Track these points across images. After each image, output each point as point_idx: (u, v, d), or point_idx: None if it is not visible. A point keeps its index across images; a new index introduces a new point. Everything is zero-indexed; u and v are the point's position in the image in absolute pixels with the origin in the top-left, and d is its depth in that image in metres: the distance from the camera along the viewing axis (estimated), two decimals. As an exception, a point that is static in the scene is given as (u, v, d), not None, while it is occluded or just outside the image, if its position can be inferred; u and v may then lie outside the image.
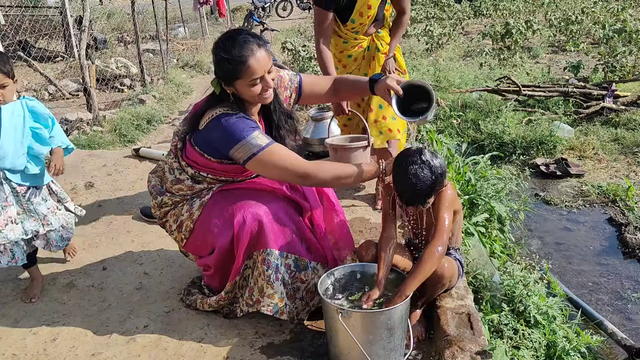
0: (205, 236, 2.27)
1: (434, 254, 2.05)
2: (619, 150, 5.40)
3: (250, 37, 2.05)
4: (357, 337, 1.93)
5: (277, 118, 2.29)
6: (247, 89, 2.07)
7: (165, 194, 2.34)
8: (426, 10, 14.38)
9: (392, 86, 2.14)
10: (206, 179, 2.28)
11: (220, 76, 2.10)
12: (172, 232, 2.37)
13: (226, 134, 2.07)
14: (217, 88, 2.14)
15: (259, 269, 2.21)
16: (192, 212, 2.28)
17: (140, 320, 2.41)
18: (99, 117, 6.34)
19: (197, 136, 2.20)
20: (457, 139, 5.67)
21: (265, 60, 2.06)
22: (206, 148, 2.17)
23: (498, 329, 2.47)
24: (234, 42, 2.03)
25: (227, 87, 2.12)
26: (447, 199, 2.13)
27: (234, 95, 2.13)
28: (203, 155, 2.19)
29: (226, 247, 2.22)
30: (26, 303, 2.59)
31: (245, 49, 2.02)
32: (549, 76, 7.79)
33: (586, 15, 11.10)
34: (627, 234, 3.91)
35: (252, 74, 2.04)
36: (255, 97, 2.11)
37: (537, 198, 4.66)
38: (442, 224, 2.10)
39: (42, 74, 8.21)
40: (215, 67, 2.12)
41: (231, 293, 2.31)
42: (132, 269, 2.86)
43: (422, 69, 8.45)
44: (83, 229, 3.36)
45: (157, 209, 2.39)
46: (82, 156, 4.79)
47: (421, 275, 2.03)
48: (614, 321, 3.04)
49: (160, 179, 2.41)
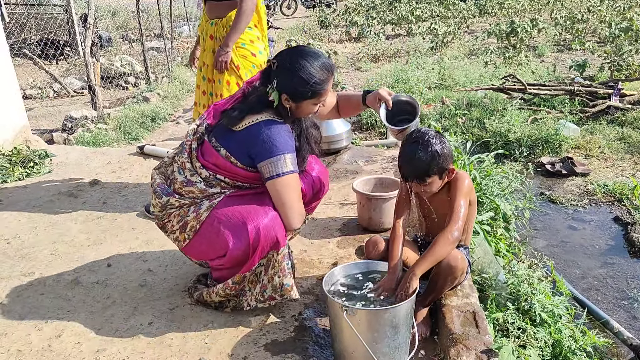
0: (213, 241, 2.21)
1: (448, 238, 2.06)
2: (625, 149, 5.38)
3: (328, 60, 2.15)
4: (362, 335, 1.92)
5: (305, 127, 2.32)
6: (311, 107, 2.17)
7: (173, 195, 2.26)
8: (431, 8, 14.34)
9: (383, 95, 2.33)
10: (220, 184, 2.23)
11: (292, 93, 2.11)
12: (174, 232, 2.29)
13: (268, 142, 2.09)
14: (277, 100, 2.13)
15: (276, 268, 2.21)
16: (200, 214, 2.21)
17: (144, 317, 2.41)
18: (103, 115, 6.36)
19: (227, 138, 2.18)
20: (462, 137, 5.64)
21: (332, 84, 2.16)
22: (237, 151, 2.16)
23: (503, 328, 2.46)
24: (319, 65, 2.10)
25: (289, 102, 2.14)
26: (464, 186, 2.15)
27: (290, 110, 2.17)
28: (229, 159, 2.17)
29: (240, 252, 2.18)
30: (33, 297, 2.59)
31: (327, 74, 2.11)
32: (555, 75, 7.76)
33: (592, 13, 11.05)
34: (634, 233, 3.89)
35: (324, 96, 2.14)
36: (310, 113, 2.20)
37: (542, 197, 4.64)
38: (458, 209, 2.11)
39: (47, 71, 8.23)
40: (287, 83, 2.10)
41: (239, 285, 2.27)
42: (137, 266, 2.86)
43: (426, 67, 8.43)
44: (88, 226, 3.36)
45: (160, 209, 2.31)
46: (86, 153, 4.80)
47: (433, 257, 2.06)
48: (620, 320, 3.02)
49: (164, 177, 2.35)
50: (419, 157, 2.06)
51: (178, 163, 2.28)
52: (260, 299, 2.27)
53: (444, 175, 2.14)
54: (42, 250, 3.08)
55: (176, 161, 2.30)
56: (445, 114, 6.43)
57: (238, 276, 2.25)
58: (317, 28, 14.51)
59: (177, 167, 2.28)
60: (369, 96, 2.41)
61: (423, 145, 2.07)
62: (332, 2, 18.38)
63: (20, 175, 4.22)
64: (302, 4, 18.85)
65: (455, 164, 3.68)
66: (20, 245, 3.16)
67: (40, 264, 2.93)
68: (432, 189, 2.16)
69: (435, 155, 2.06)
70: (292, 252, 2.32)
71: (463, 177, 2.17)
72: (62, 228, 3.35)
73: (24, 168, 4.31)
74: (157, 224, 2.39)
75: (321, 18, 14.99)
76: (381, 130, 6.36)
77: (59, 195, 3.86)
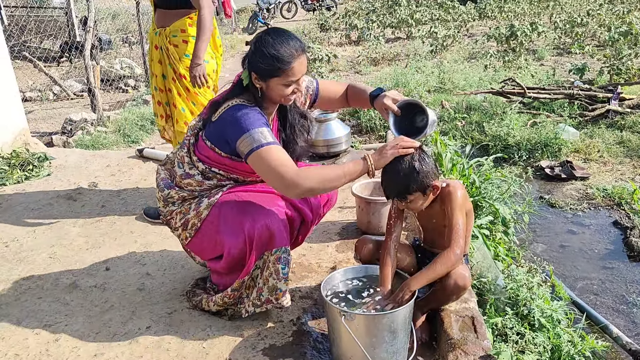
0: (213, 238, 2.25)
1: (450, 257, 2.05)
2: (625, 153, 5.37)
3: (297, 39, 2.10)
4: (360, 340, 1.92)
5: (291, 117, 2.32)
6: (280, 88, 2.11)
7: (174, 188, 2.31)
8: (431, 12, 14.35)
9: (388, 105, 2.22)
10: (216, 176, 2.27)
11: (258, 70, 2.10)
12: (177, 229, 2.34)
13: (236, 123, 2.08)
14: (246, 79, 2.14)
15: (271, 269, 2.20)
16: (200, 211, 2.26)
17: (142, 321, 2.40)
18: (103, 118, 6.36)
19: (209, 129, 2.21)
20: (461, 140, 5.64)
21: (305, 65, 2.12)
22: (217, 140, 2.17)
23: (502, 333, 2.45)
24: (282, 40, 2.07)
25: (258, 81, 2.12)
26: (457, 199, 2.12)
27: (261, 91, 2.15)
28: (214, 150, 2.20)
29: (237, 251, 2.21)
30: (31, 301, 2.58)
31: (293, 50, 2.06)
32: (554, 78, 7.76)
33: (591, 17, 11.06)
34: (633, 237, 3.88)
35: (292, 76, 2.08)
36: (283, 97, 2.14)
37: (541, 201, 4.63)
38: (457, 227, 2.09)
39: (47, 74, 8.24)
40: (253, 60, 2.10)
41: (237, 291, 2.28)
42: (135, 270, 2.86)
43: (426, 70, 8.43)
44: (86, 229, 3.36)
45: (163, 204, 2.36)
46: (86, 156, 4.80)
47: (432, 275, 2.05)
48: (619, 325, 3.02)
49: (169, 172, 2.39)
50: (397, 174, 2.04)
51: (178, 157, 2.34)
52: (257, 303, 2.27)
53: (427, 192, 2.09)
54: (40, 253, 3.08)
55: (177, 156, 2.35)
56: (444, 118, 6.43)
57: (237, 282, 2.25)
58: (317, 31, 14.52)
59: (177, 162, 2.34)
60: (377, 101, 2.30)
61: (402, 163, 2.03)
62: (332, 5, 18.40)
63: (19, 178, 4.22)
64: (302, 7, 18.87)
65: (455, 167, 3.68)
66: (19, 248, 3.16)
67: (38, 267, 2.92)
68: (416, 206, 2.12)
69: (414, 173, 2.02)
70: (291, 259, 2.30)
71: (455, 190, 2.14)
72: (61, 231, 3.35)
73: (23, 171, 4.31)
74: (163, 220, 2.42)
75: (321, 21, 15.00)
76: (381, 133, 6.36)
77: (58, 198, 3.85)
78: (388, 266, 2.15)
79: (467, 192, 2.24)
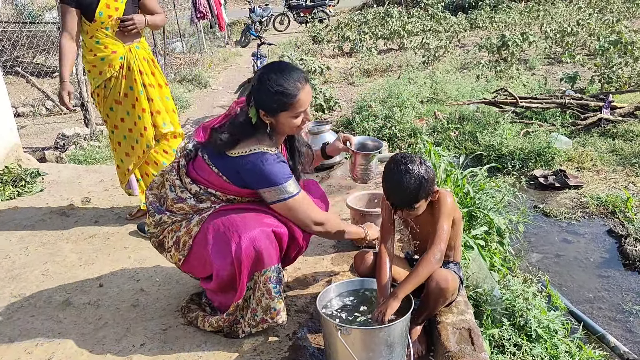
0: (203, 257, 2.22)
1: (430, 260, 2.07)
2: (617, 161, 5.40)
3: (299, 71, 2.15)
4: (357, 354, 1.90)
5: (299, 147, 2.38)
6: (290, 120, 2.14)
7: (165, 213, 2.27)
8: (422, 23, 14.45)
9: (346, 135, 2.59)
10: (210, 198, 2.23)
11: (266, 108, 2.12)
12: (169, 250, 2.29)
13: (262, 175, 2.12)
14: (254, 117, 2.15)
15: (262, 289, 2.19)
16: (190, 228, 2.22)
17: (136, 338, 2.38)
18: (96, 132, 6.35)
19: (220, 159, 2.18)
20: (454, 151, 5.66)
21: (310, 93, 2.17)
22: (233, 176, 2.17)
23: (499, 344, 2.44)
24: (285, 75, 2.10)
25: (267, 117, 2.15)
26: (446, 207, 2.15)
27: (270, 126, 2.17)
28: (221, 178, 2.18)
29: (226, 273, 2.18)
30: (24, 319, 2.55)
31: (297, 83, 2.10)
32: (546, 88, 7.81)
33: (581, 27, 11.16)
34: (627, 245, 3.89)
35: (299, 107, 2.12)
36: (294, 128, 2.19)
37: (536, 210, 4.64)
38: (441, 231, 2.12)
39: (40, 89, 8.22)
40: (259, 98, 2.12)
41: (232, 315, 2.26)
42: (129, 286, 2.83)
43: (419, 81, 8.48)
44: (79, 245, 3.33)
45: (154, 227, 2.32)
46: (79, 171, 4.77)
47: (415, 280, 2.07)
48: (616, 334, 3.01)
49: (157, 197, 2.36)
50: (408, 185, 2.07)
51: (169, 181, 2.30)
52: (253, 324, 2.25)
53: (429, 198, 2.16)
54: (33, 270, 3.05)
55: (167, 180, 2.31)
56: (437, 128, 6.45)
57: (232, 306, 2.23)
58: (310, 43, 14.59)
59: (168, 185, 2.30)
60: (328, 147, 2.61)
61: (409, 174, 2.07)
62: (324, 17, 18.49)
63: (12, 194, 4.19)
64: (295, 19, 18.96)
65: (449, 178, 3.69)
66: (11, 265, 3.12)
67: (31, 284, 2.89)
68: (418, 212, 2.18)
69: (423, 182, 2.07)
70: (284, 277, 2.30)
71: (445, 197, 2.17)
72: (54, 248, 3.32)
73: (15, 187, 4.28)
74: (154, 242, 2.37)
75: (314, 33, 15.07)
76: (374, 144, 6.36)
77: (51, 214, 3.83)
78: (385, 275, 2.15)
79: (455, 201, 2.26)
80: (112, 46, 3.28)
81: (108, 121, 3.47)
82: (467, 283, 2.69)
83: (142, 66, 3.36)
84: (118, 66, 3.30)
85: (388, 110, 6.72)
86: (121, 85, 3.33)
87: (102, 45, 3.27)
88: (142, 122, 3.38)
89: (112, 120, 3.44)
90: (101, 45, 3.27)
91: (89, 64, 3.33)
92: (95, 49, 3.27)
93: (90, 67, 3.34)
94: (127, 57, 3.32)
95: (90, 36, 3.26)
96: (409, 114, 6.72)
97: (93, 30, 3.24)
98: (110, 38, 3.27)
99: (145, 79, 3.37)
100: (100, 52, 3.27)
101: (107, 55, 3.27)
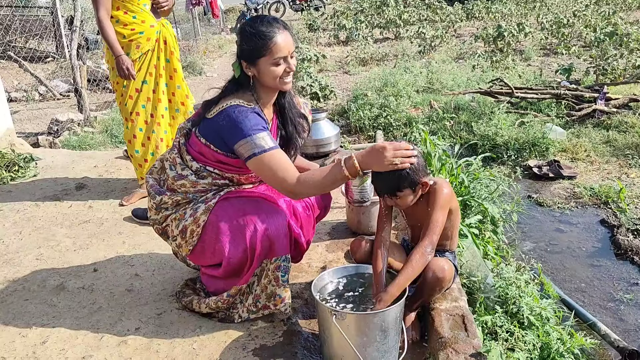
0: (212, 246, 2.21)
1: (423, 254, 2.06)
2: (611, 152, 5.43)
3: (276, 20, 2.15)
4: (351, 339, 1.91)
5: (291, 115, 2.33)
6: (270, 68, 2.10)
7: (165, 193, 2.26)
8: (418, 12, 14.41)
9: None
10: (211, 174, 2.22)
11: (245, 54, 2.12)
12: (175, 238, 2.28)
13: (235, 126, 2.07)
14: (237, 70, 2.16)
15: (270, 277, 2.21)
16: (197, 217, 2.19)
17: (131, 322, 2.38)
18: (90, 118, 6.30)
19: (204, 126, 2.19)
20: (450, 140, 5.67)
21: (291, 41, 2.13)
22: (213, 139, 2.16)
23: (492, 331, 2.46)
24: (261, 21, 2.11)
25: (249, 68, 2.13)
26: (442, 198, 2.13)
27: (254, 79, 2.15)
28: (209, 147, 2.17)
29: (237, 260, 2.18)
30: (17, 303, 2.55)
31: (273, 26, 2.09)
32: (541, 79, 7.82)
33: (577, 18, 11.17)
34: (620, 235, 3.92)
35: (278, 52, 2.08)
36: (277, 79, 2.13)
37: (529, 200, 4.67)
38: (435, 223, 2.10)
39: (33, 74, 8.15)
40: (239, 47, 2.14)
41: (233, 297, 2.27)
42: (123, 271, 2.83)
43: (414, 71, 8.46)
44: (73, 230, 3.32)
45: (156, 211, 2.30)
46: (72, 157, 4.75)
47: (408, 275, 2.05)
48: (607, 322, 3.04)
49: (157, 180, 2.35)
50: (389, 172, 2.04)
51: (169, 160, 2.30)
52: (253, 309, 2.26)
53: (417, 189, 2.11)
54: (26, 255, 3.04)
55: (167, 159, 2.31)
56: (433, 118, 6.45)
57: (235, 288, 2.24)
58: (306, 31, 14.51)
59: (168, 165, 2.29)
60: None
61: None
62: (320, 5, 18.40)
63: (5, 179, 4.17)
64: (290, 7, 18.85)
65: (444, 167, 3.69)
66: (5, 250, 3.12)
67: (25, 269, 2.88)
68: (405, 202, 2.14)
69: (405, 170, 2.03)
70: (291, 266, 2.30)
71: (441, 188, 2.14)
72: (48, 233, 3.31)
73: (9, 172, 4.25)
74: (157, 229, 2.36)
75: (309, 21, 15.00)
76: (369, 133, 6.37)
77: (45, 199, 3.81)
78: (380, 263, 2.16)
79: (453, 191, 2.25)
80: (149, 20, 3.42)
81: (140, 95, 3.50)
82: (461, 271, 2.71)
83: (173, 41, 3.55)
84: (155, 39, 3.44)
85: (384, 99, 6.72)
86: (156, 58, 3.47)
87: (140, 20, 3.38)
88: (183, 91, 3.59)
89: (144, 93, 3.50)
90: (138, 20, 3.38)
91: (125, 40, 3.38)
92: (132, 24, 3.37)
93: (126, 43, 3.38)
94: (162, 31, 3.48)
95: (125, 11, 3.35)
96: (405, 103, 6.72)
97: (131, 5, 3.35)
98: (146, 13, 3.41)
99: (176, 53, 3.56)
100: (139, 27, 3.39)
101: (145, 29, 3.40)
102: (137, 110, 3.50)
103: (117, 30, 3.35)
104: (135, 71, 3.41)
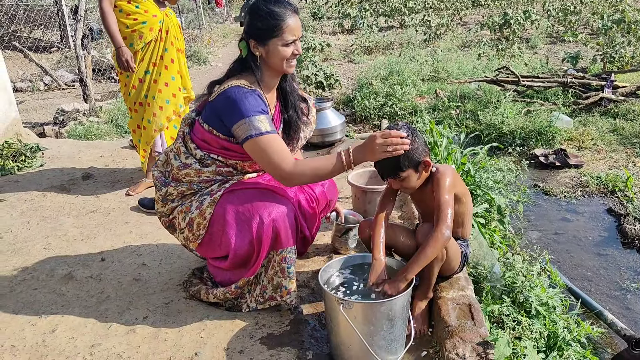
0: (219, 238, 2.22)
1: (437, 238, 2.03)
2: (618, 140, 5.40)
3: (289, 2, 2.15)
4: (358, 328, 1.92)
5: (292, 99, 2.34)
6: (280, 48, 2.11)
7: (170, 184, 2.28)
8: (424, 0, 14.30)
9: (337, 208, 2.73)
10: (215, 162, 2.23)
11: (255, 34, 2.12)
12: (182, 231, 2.28)
13: (234, 107, 2.07)
14: (244, 50, 2.16)
15: (276, 268, 2.22)
16: (203, 210, 2.20)
17: (139, 311, 2.40)
18: (95, 108, 6.31)
19: (206, 111, 2.20)
20: (455, 129, 5.65)
21: (300, 26, 2.15)
22: (214, 122, 2.16)
23: (498, 320, 2.47)
24: (275, 1, 2.11)
25: (257, 48, 2.13)
26: (445, 181, 2.11)
27: (260, 60, 2.16)
28: (212, 132, 2.18)
29: (243, 252, 2.19)
30: (26, 292, 2.57)
31: (286, 8, 2.11)
32: (548, 67, 7.77)
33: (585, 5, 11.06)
34: (626, 224, 3.91)
35: (289, 33, 2.10)
36: (284, 61, 2.14)
37: (536, 189, 4.65)
38: (444, 207, 2.08)
39: (38, 64, 8.15)
40: (249, 26, 2.14)
41: (240, 289, 2.29)
42: (131, 260, 2.85)
43: (420, 59, 8.41)
44: (81, 220, 3.34)
45: (162, 204, 2.31)
46: (79, 147, 4.76)
47: (423, 259, 2.03)
48: (614, 311, 3.04)
49: (162, 172, 2.36)
50: (388, 160, 2.03)
51: (174, 151, 2.31)
52: (260, 300, 2.27)
53: (419, 168, 2.11)
54: (35, 244, 3.06)
55: (172, 150, 2.33)
56: (438, 106, 6.43)
57: (243, 280, 2.25)
58: (310, 20, 14.44)
59: (173, 155, 2.30)
60: None
61: None
62: (324, -7, 18.26)
63: (12, 169, 4.19)
64: (295, -5, 18.75)
65: (450, 156, 3.68)
66: (13, 240, 3.13)
67: (33, 258, 2.90)
68: (410, 184, 2.13)
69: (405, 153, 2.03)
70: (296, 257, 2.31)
71: (445, 172, 2.13)
72: (55, 222, 3.33)
73: (16, 162, 4.27)
74: (164, 222, 2.37)
75: (314, 10, 14.92)
76: (375, 122, 6.35)
77: (52, 189, 3.83)
78: (379, 236, 2.16)
79: (458, 176, 2.23)
80: (152, 10, 3.41)
81: (144, 85, 3.50)
82: (468, 260, 2.70)
83: (175, 30, 3.54)
84: (157, 29, 3.43)
85: (389, 88, 6.69)
86: (159, 48, 3.47)
87: (142, 9, 3.38)
88: (176, 83, 3.56)
89: (147, 83, 3.50)
90: (141, 10, 3.38)
91: (128, 30, 3.38)
92: (135, 14, 3.38)
93: (129, 33, 3.39)
94: (165, 21, 3.47)
95: (128, 1, 3.36)
96: (410, 92, 6.69)
97: None
98: (149, 2, 3.41)
99: (176, 43, 3.54)
100: (142, 17, 3.39)
101: (148, 19, 3.40)
102: (140, 100, 3.49)
103: (120, 20, 3.35)
104: (138, 61, 3.41)
